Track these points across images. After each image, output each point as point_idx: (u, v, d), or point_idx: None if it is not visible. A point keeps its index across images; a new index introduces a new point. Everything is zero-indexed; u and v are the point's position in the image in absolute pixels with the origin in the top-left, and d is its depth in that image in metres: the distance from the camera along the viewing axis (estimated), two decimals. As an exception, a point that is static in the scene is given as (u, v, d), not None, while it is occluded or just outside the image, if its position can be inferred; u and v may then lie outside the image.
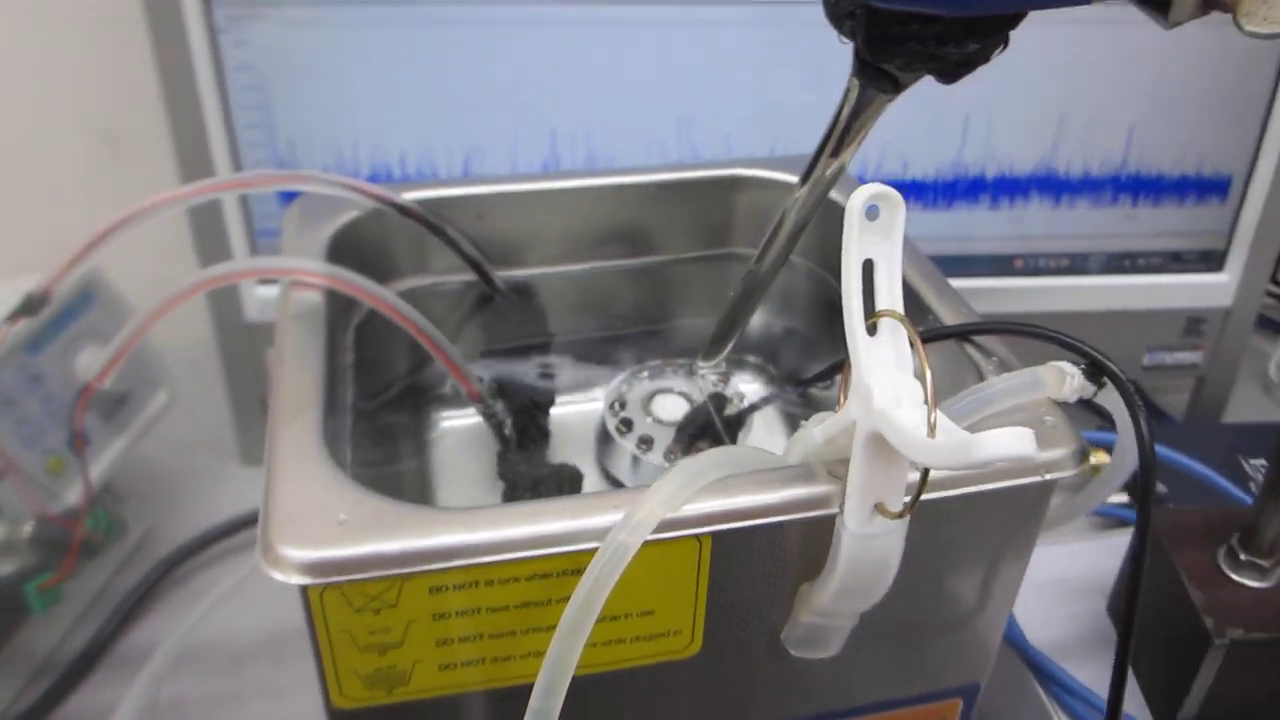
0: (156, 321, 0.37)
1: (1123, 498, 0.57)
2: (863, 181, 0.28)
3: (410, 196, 0.41)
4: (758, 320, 0.46)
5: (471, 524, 0.26)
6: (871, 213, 0.27)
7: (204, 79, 0.53)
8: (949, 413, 0.29)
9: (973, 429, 0.27)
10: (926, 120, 0.58)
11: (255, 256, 0.57)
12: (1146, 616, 0.46)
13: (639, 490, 0.27)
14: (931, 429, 0.23)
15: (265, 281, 0.59)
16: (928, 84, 0.33)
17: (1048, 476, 0.29)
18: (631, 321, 0.45)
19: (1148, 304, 0.64)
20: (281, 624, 0.54)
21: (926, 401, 0.24)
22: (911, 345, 0.26)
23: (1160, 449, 0.56)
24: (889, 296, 0.27)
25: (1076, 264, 0.63)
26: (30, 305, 0.39)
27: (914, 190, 0.59)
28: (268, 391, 0.50)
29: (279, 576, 0.25)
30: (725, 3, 0.53)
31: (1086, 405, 0.32)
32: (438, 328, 0.38)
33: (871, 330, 0.26)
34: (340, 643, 0.27)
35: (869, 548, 0.27)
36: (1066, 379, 0.30)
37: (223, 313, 0.59)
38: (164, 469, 0.64)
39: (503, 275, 0.43)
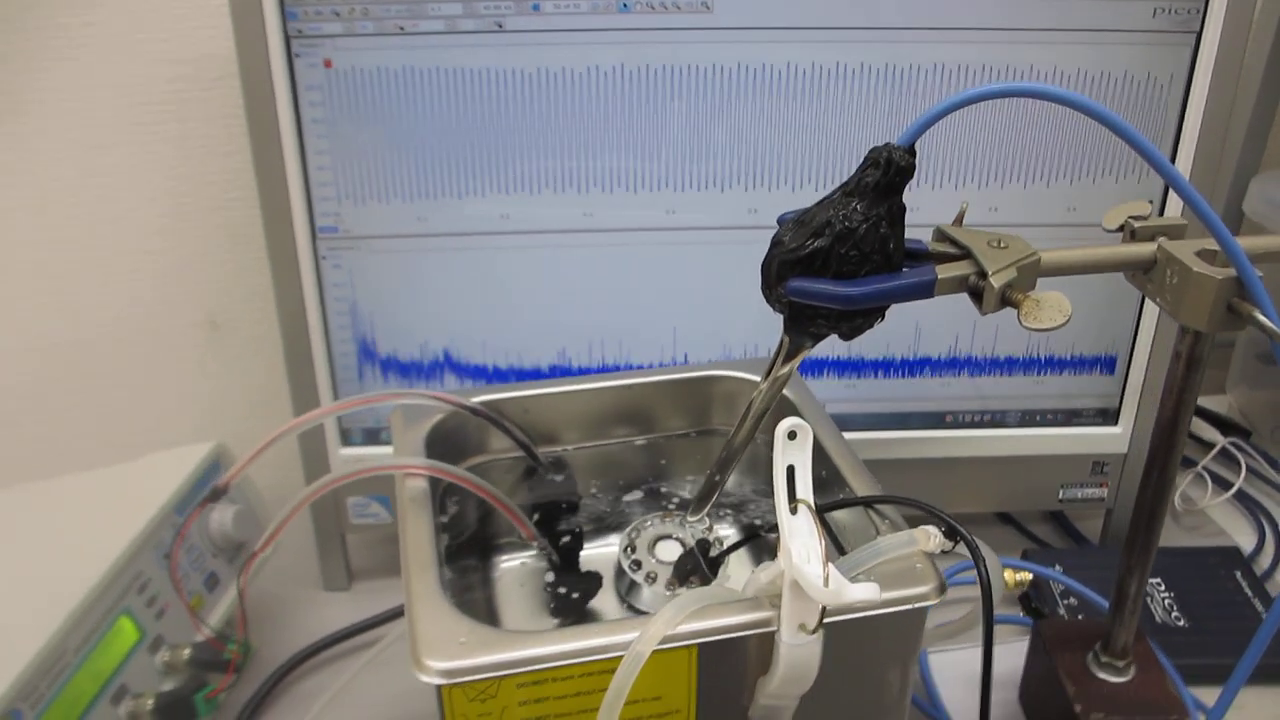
0: (310, 501, 0.51)
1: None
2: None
3: (477, 400, 0.56)
4: (733, 480, 0.61)
5: (543, 642, 0.40)
6: (791, 436, 0.42)
7: (309, 289, 0.68)
8: (851, 561, 0.44)
9: (867, 573, 0.42)
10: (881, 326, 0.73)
11: (371, 448, 0.71)
12: (1039, 705, 0.60)
13: (647, 617, 0.41)
14: (825, 580, 0.38)
15: (349, 443, 0.74)
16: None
17: (916, 605, 0.43)
18: (640, 481, 0.60)
19: (1056, 451, 0.77)
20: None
21: (824, 561, 0.39)
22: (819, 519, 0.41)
23: (1057, 574, 0.71)
24: (804, 489, 0.41)
25: (996, 419, 0.78)
26: (215, 494, 0.54)
27: (872, 366, 0.74)
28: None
29: (425, 679, 0.39)
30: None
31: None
32: (499, 490, 0.53)
33: (794, 511, 0.41)
34: (458, 724, 0.41)
35: (798, 653, 0.41)
36: (932, 537, 0.44)
37: (313, 467, 0.74)
38: (264, 595, 0.75)
39: (543, 451, 0.58)
